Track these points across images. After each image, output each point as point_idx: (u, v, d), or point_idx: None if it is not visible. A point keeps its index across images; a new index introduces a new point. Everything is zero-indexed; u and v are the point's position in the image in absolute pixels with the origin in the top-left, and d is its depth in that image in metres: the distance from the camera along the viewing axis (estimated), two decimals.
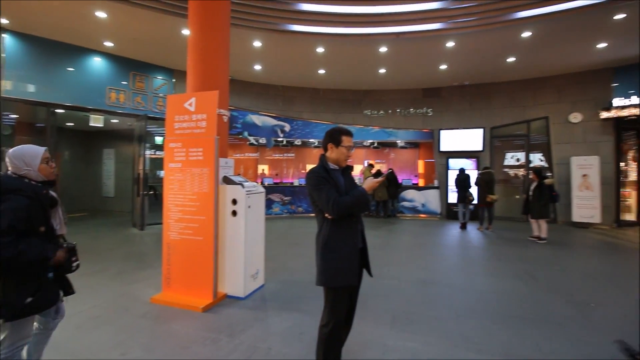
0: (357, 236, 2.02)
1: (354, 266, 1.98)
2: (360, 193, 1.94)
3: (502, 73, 9.45)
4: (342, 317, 1.99)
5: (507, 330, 2.89)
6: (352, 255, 1.97)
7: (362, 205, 1.97)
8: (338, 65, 8.98)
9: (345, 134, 2.05)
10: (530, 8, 6.23)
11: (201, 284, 3.46)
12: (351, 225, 1.99)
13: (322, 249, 1.97)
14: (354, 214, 2.00)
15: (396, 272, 4.53)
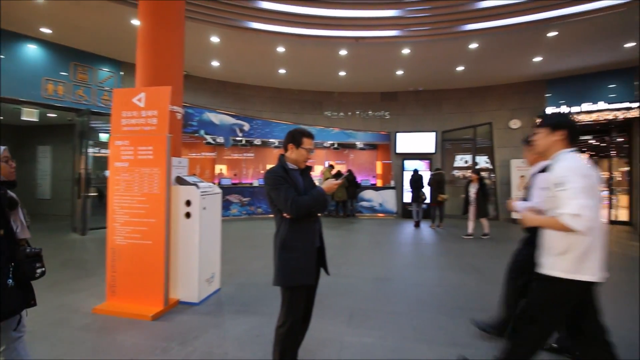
0: (315, 236, 2.04)
1: (311, 265, 1.99)
2: (319, 193, 1.97)
3: (452, 81, 10.09)
4: (299, 317, 2.00)
5: (454, 321, 3.10)
6: (310, 255, 1.99)
7: (321, 205, 1.99)
8: (299, 65, 8.99)
9: (306, 136, 2.06)
10: (476, 22, 6.72)
11: (151, 290, 3.27)
12: (309, 225, 2.01)
13: (280, 249, 1.97)
14: (313, 214, 2.01)
15: (354, 270, 4.64)
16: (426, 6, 6.31)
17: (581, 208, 1.61)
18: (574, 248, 1.70)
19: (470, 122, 10.53)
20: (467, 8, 6.30)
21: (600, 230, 1.74)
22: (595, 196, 1.71)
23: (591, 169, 1.76)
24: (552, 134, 1.85)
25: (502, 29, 6.81)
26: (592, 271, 1.71)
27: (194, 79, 9.59)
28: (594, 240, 1.70)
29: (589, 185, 1.68)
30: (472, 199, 7.07)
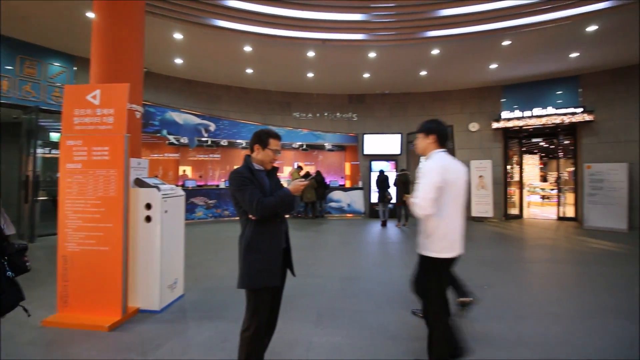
0: (280, 237, 2.02)
1: (277, 267, 1.97)
2: (285, 194, 1.96)
3: (416, 85, 10.47)
4: (264, 319, 1.97)
5: (416, 316, 3.20)
6: (275, 256, 1.97)
7: (287, 206, 1.99)
8: (266, 66, 8.91)
9: (273, 137, 2.04)
10: (437, 29, 7.03)
11: (107, 299, 3.08)
12: (275, 226, 1.99)
13: (244, 251, 1.94)
14: (279, 215, 2.00)
15: (322, 271, 4.66)
16: (391, 12, 6.51)
17: (422, 199, 2.05)
18: (435, 232, 2.13)
19: None
20: (429, 15, 6.57)
21: (458, 218, 2.17)
22: (451, 190, 2.08)
23: (456, 168, 2.16)
24: (426, 137, 2.28)
25: (460, 36, 7.18)
26: (451, 250, 2.16)
27: (156, 76, 9.19)
28: (450, 225, 2.12)
29: (444, 181, 2.04)
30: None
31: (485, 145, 10.57)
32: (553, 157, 11.38)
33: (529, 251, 6.24)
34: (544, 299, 3.75)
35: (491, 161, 10.00)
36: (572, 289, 4.10)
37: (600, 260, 5.37)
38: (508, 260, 5.48)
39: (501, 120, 10.13)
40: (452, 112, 10.92)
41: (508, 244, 6.82)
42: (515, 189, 10.83)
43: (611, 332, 2.88)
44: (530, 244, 6.85)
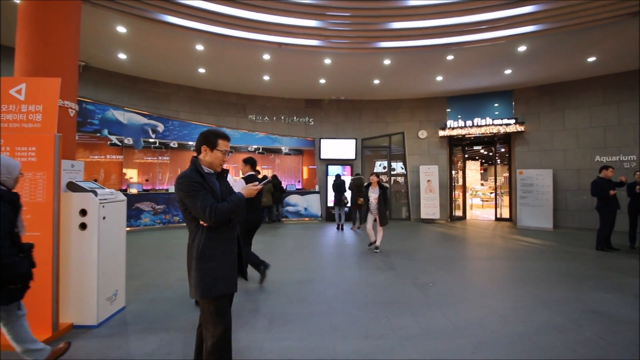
0: (234, 242, 1.98)
1: (233, 273, 1.94)
2: (239, 199, 1.92)
3: (370, 92, 10.87)
4: (229, 323, 1.93)
5: (367, 315, 3.31)
6: (230, 262, 1.93)
7: (241, 211, 1.95)
8: (220, 66, 8.67)
9: (221, 138, 1.97)
10: (389, 40, 7.38)
11: (36, 316, 2.73)
12: (228, 232, 1.94)
13: (198, 259, 1.84)
14: (232, 220, 1.95)
15: (276, 276, 4.61)
16: (346, 20, 6.70)
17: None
18: None
19: (386, 131, 11.48)
20: (381, 27, 6.87)
21: None
22: None
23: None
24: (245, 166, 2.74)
25: (410, 49, 7.61)
26: None
27: (97, 71, 8.49)
28: None
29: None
30: (373, 205, 6.19)
31: (432, 151, 11.26)
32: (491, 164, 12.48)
33: (469, 250, 6.74)
34: (480, 292, 4.08)
35: (438, 167, 10.69)
36: (505, 282, 4.51)
37: (529, 256, 5.97)
38: (451, 258, 5.88)
39: (447, 129, 10.87)
40: (403, 120, 11.49)
41: (452, 244, 7.31)
42: (459, 193, 11.67)
43: (536, 319, 3.21)
44: (471, 242, 7.42)
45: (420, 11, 6.29)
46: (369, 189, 6.29)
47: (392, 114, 11.59)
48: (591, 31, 6.60)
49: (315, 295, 3.89)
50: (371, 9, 6.26)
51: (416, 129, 11.38)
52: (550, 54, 7.73)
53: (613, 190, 6.24)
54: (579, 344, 2.74)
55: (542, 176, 9.25)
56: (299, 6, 6.30)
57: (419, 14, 6.37)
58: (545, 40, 7.08)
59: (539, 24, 6.57)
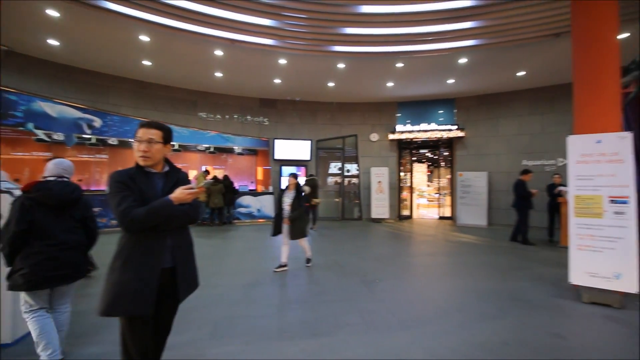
0: (160, 254, 1.70)
1: (147, 291, 1.64)
2: (162, 204, 1.65)
3: (325, 95, 11.02)
4: (139, 354, 1.68)
5: (315, 314, 3.35)
6: (147, 278, 1.64)
7: (167, 218, 1.68)
8: (168, 59, 8.20)
9: (139, 127, 1.77)
10: (342, 44, 7.55)
11: None
12: (154, 241, 1.69)
13: (110, 269, 1.67)
14: (159, 228, 1.70)
15: (223, 280, 4.48)
16: (302, 22, 6.72)
17: None
18: None
19: (340, 133, 11.73)
20: (335, 31, 7.01)
21: None
22: None
23: None
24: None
25: (362, 54, 7.87)
26: None
27: (23, 58, 7.57)
28: None
29: None
30: (287, 212, 4.91)
31: (383, 154, 11.74)
32: (436, 166, 13.33)
33: (414, 247, 7.13)
34: (422, 286, 4.34)
35: (388, 168, 11.16)
36: (444, 276, 4.84)
37: (466, 251, 6.49)
38: (398, 255, 6.17)
39: (396, 133, 11.41)
40: (356, 123, 11.83)
41: (399, 242, 7.68)
42: (407, 193, 12.30)
43: (470, 309, 3.50)
44: (416, 240, 7.85)
45: (372, 19, 6.52)
46: (284, 193, 5.08)
47: (346, 116, 11.87)
48: (521, 48, 7.36)
49: (263, 298, 3.85)
50: (326, 13, 6.34)
51: (368, 132, 11.78)
52: (487, 66, 8.49)
53: (533, 190, 7.06)
54: (504, 328, 3.04)
55: (479, 178, 10.11)
56: (254, 4, 6.18)
57: (372, 21, 6.61)
58: (483, 54, 7.75)
59: (477, 39, 7.17)
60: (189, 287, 1.86)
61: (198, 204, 1.86)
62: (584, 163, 3.83)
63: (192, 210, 1.78)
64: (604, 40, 4.15)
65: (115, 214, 1.62)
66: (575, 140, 3.92)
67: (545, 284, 4.38)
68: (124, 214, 1.60)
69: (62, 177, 2.42)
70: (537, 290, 4.10)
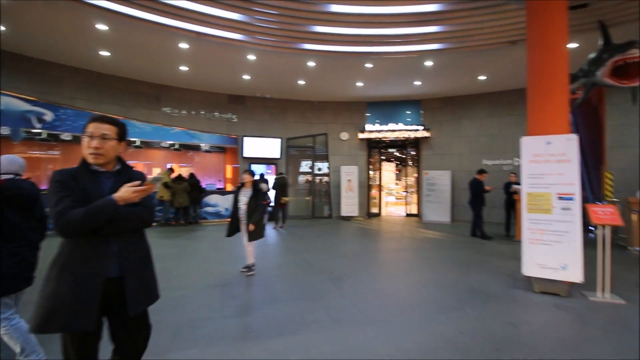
0: (102, 262, 1.50)
1: (88, 304, 1.44)
2: (104, 205, 1.47)
3: (295, 92, 10.96)
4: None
5: (281, 313, 3.32)
6: (85, 289, 1.45)
7: (111, 221, 1.49)
8: (128, 50, 7.76)
9: (90, 121, 1.59)
10: (313, 43, 7.54)
11: None
12: (95, 247, 1.50)
13: (44, 279, 1.49)
14: (102, 232, 1.50)
15: (187, 281, 4.32)
16: (272, 18, 6.61)
17: None
18: None
19: (310, 131, 11.73)
20: (305, 29, 6.98)
21: None
22: None
23: None
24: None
25: (333, 53, 7.90)
26: None
27: None
28: None
29: None
30: (243, 212, 4.65)
31: (353, 152, 11.89)
32: (404, 165, 13.72)
33: (382, 243, 7.30)
34: (388, 281, 4.44)
35: (357, 167, 11.33)
36: (408, 271, 5.00)
37: (430, 246, 6.74)
38: (365, 251, 6.29)
39: (365, 132, 11.60)
40: (327, 122, 11.89)
41: (367, 239, 7.83)
42: (376, 191, 12.56)
43: (432, 301, 3.63)
44: (384, 237, 8.05)
45: (342, 18, 6.56)
46: (239, 191, 4.73)
47: (316, 115, 11.88)
48: (481, 54, 7.75)
49: (229, 299, 3.76)
50: (297, 10, 6.29)
51: (338, 130, 11.88)
52: (450, 70, 8.84)
53: (488, 187, 7.56)
54: (462, 319, 3.19)
55: (443, 177, 10.53)
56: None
57: (342, 20, 6.64)
58: (447, 58, 8.07)
59: (441, 43, 7.45)
60: (141, 300, 1.62)
61: (152, 205, 1.72)
62: (536, 162, 4.10)
63: (144, 211, 1.63)
64: (555, 49, 4.46)
65: (51, 216, 1.46)
66: (528, 142, 4.19)
67: (501, 276, 4.65)
68: (59, 215, 1.42)
69: (18, 174, 2.35)
70: (494, 282, 4.34)
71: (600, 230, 3.88)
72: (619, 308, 3.49)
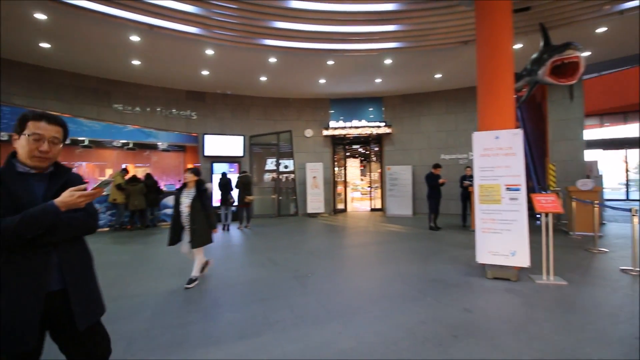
0: (43, 275, 1.37)
1: (27, 324, 1.32)
2: (43, 211, 1.33)
3: (257, 89, 10.73)
4: None
5: (243, 315, 3.24)
6: (24, 306, 1.32)
7: (51, 229, 1.36)
8: (73, 42, 7.13)
9: (33, 119, 1.44)
10: (274, 39, 7.40)
11: None
12: (31, 260, 1.35)
13: None
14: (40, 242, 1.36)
15: (142, 289, 4.08)
16: (231, 12, 6.37)
17: None
18: None
19: (274, 128, 11.58)
20: (265, 24, 6.83)
21: None
22: None
23: None
24: None
25: (294, 49, 7.82)
26: None
27: None
28: None
29: None
30: (186, 214, 4.11)
31: (318, 149, 11.92)
32: (368, 161, 14.00)
33: (347, 239, 7.39)
34: (352, 276, 4.50)
35: (322, 164, 11.38)
36: (372, 264, 5.10)
37: (393, 239, 6.93)
38: (330, 248, 6.33)
39: (330, 129, 11.67)
40: (291, 119, 11.79)
41: (333, 235, 7.89)
42: (342, 188, 12.70)
43: (394, 293, 3.73)
44: (349, 232, 8.16)
45: (302, 15, 6.50)
46: (181, 192, 4.23)
47: (280, 112, 11.74)
48: (436, 53, 8.07)
49: (187, 304, 3.59)
50: (256, 5, 6.13)
51: (303, 127, 11.84)
52: (409, 68, 9.13)
53: (442, 179, 7.93)
54: (422, 308, 3.30)
55: (404, 171, 10.89)
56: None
57: (302, 17, 6.58)
58: (405, 56, 8.31)
59: (400, 42, 7.65)
60: (89, 312, 1.52)
61: (95, 210, 1.58)
62: (486, 156, 4.35)
63: (88, 217, 1.51)
64: (501, 49, 4.74)
65: None
66: (479, 136, 4.43)
67: (459, 264, 4.89)
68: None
69: None
70: (452, 271, 4.56)
71: (544, 218, 4.21)
72: (562, 289, 3.80)
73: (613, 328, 2.83)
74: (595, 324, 2.90)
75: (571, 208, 6.88)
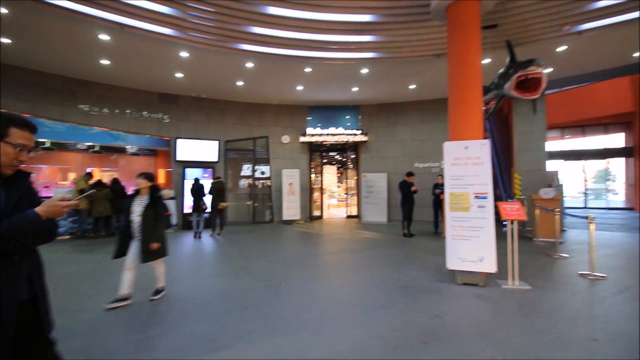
0: (14, 284, 1.35)
1: (3, 334, 1.29)
2: (27, 220, 1.31)
3: (234, 93, 10.59)
4: None
5: (214, 326, 3.12)
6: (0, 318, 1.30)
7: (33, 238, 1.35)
8: (35, 39, 6.74)
9: (18, 125, 1.39)
10: (251, 44, 7.35)
11: None
12: (7, 269, 1.33)
13: None
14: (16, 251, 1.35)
15: (104, 301, 3.83)
16: (207, 15, 6.27)
17: None
18: None
19: (250, 134, 11.44)
20: (242, 29, 6.77)
21: None
22: None
23: None
24: None
25: (271, 55, 7.80)
26: None
27: None
28: None
29: None
30: (137, 224, 3.70)
31: (294, 156, 11.89)
32: (345, 168, 14.13)
33: (322, 246, 7.37)
34: (325, 284, 4.48)
35: (299, 170, 11.35)
36: (346, 272, 5.11)
37: (367, 246, 6.99)
38: (305, 255, 6.28)
39: (307, 135, 11.69)
40: (268, 125, 11.71)
41: (308, 242, 7.85)
42: (318, 194, 12.71)
43: (368, 300, 3.74)
44: (324, 239, 8.15)
45: (279, 21, 6.50)
46: (133, 200, 3.79)
47: (257, 117, 11.63)
48: (411, 64, 8.32)
49: (153, 317, 3.42)
50: (234, 9, 6.08)
51: (280, 133, 11.78)
52: (385, 78, 9.34)
53: (414, 187, 8.15)
54: (394, 315, 3.33)
55: (380, 179, 11.07)
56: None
57: (279, 23, 6.58)
58: (381, 67, 8.51)
59: (376, 52, 7.83)
60: (50, 318, 1.54)
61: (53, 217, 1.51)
62: (457, 165, 4.49)
63: (52, 225, 1.48)
64: (470, 63, 4.96)
65: None
66: (449, 146, 4.58)
67: (429, 270, 4.99)
68: None
69: None
70: (423, 277, 4.64)
71: (510, 225, 4.39)
72: (526, 293, 3.97)
73: (572, 330, 2.97)
74: (556, 327, 3.03)
75: (534, 215, 7.24)
